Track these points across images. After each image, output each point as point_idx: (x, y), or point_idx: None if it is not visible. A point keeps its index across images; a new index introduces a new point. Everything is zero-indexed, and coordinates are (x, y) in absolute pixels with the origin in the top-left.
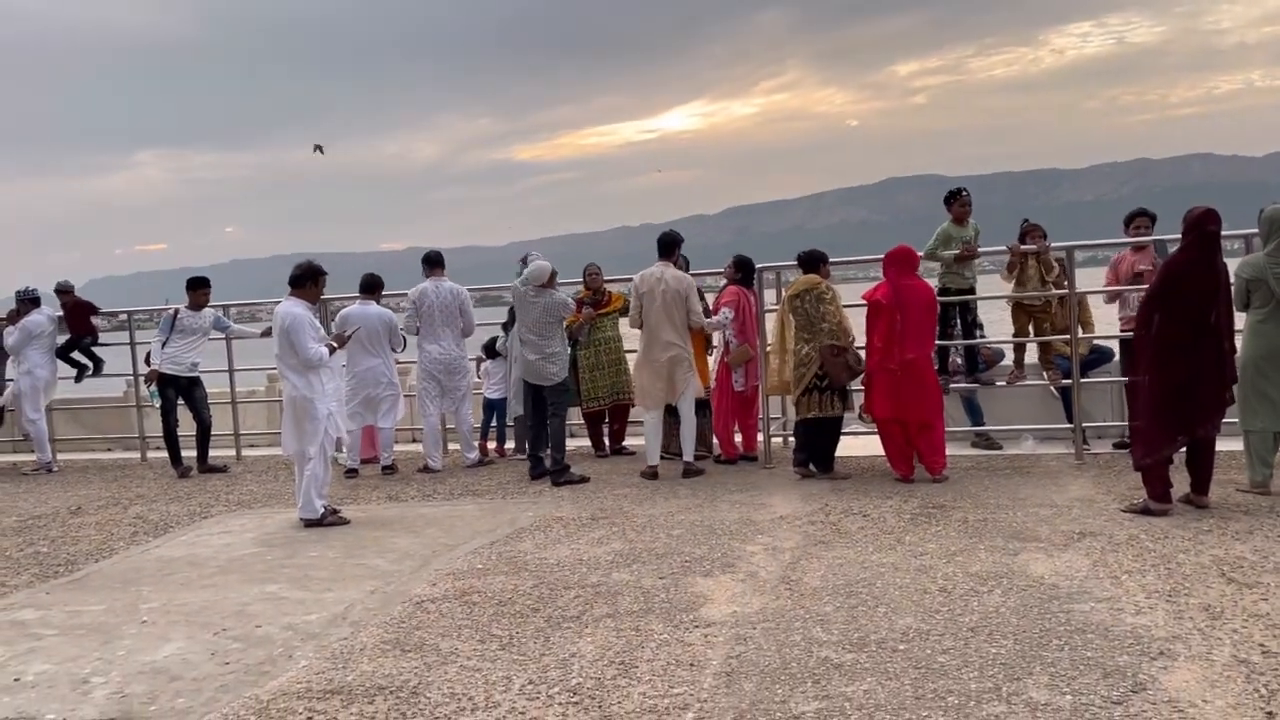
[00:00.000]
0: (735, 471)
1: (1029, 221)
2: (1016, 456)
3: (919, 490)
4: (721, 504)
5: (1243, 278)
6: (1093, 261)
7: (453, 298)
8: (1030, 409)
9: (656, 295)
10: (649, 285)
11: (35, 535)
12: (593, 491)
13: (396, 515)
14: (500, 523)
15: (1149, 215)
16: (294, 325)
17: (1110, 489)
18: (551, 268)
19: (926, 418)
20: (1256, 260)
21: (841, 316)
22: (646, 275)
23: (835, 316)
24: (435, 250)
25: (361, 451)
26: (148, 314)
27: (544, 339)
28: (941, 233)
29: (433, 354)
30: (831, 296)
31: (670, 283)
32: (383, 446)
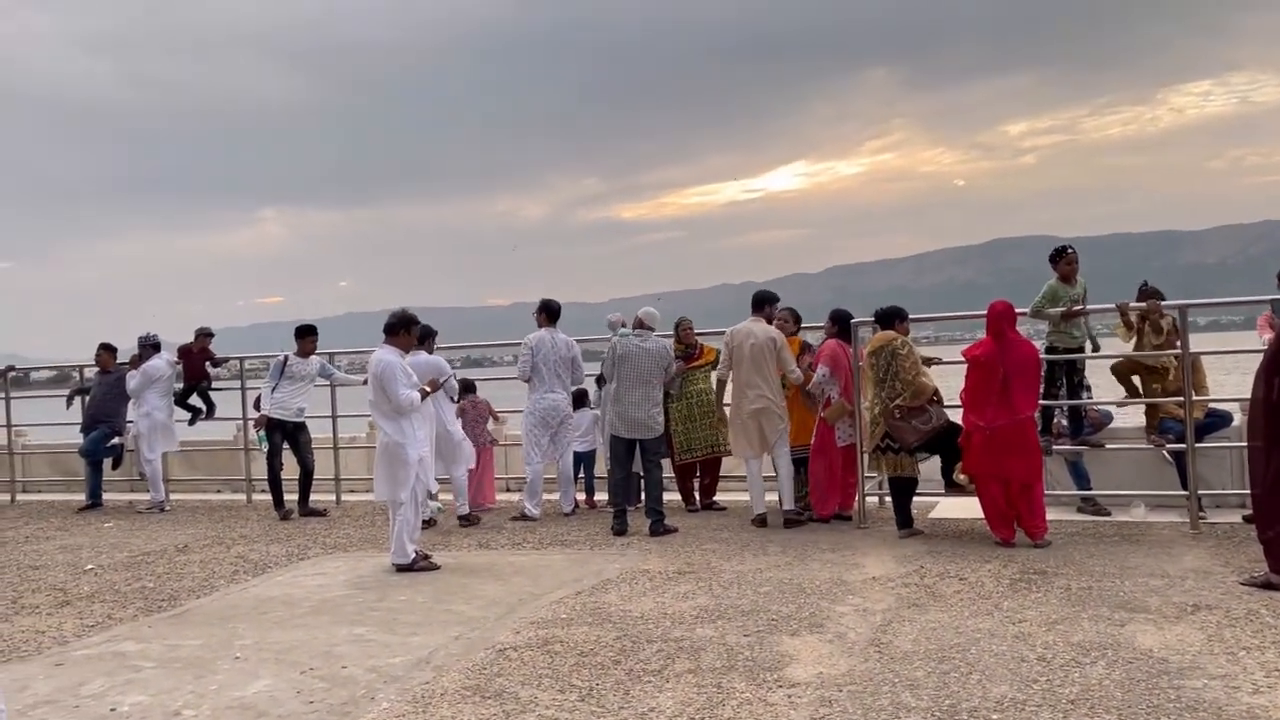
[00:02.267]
0: (829, 530)
1: (1148, 284)
2: (1125, 524)
3: (1019, 555)
4: (812, 562)
5: None
6: (1215, 326)
7: (566, 349)
8: (1141, 474)
9: (745, 349)
10: (739, 339)
11: (143, 571)
12: (681, 545)
13: (486, 563)
14: (587, 573)
15: None
16: (385, 371)
17: (1228, 561)
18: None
19: (1027, 479)
20: None
21: (917, 374)
22: (737, 330)
23: (909, 374)
24: (554, 301)
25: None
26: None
27: (651, 389)
28: (1049, 290)
29: (546, 403)
30: (907, 352)
31: (759, 337)
32: (457, 494)
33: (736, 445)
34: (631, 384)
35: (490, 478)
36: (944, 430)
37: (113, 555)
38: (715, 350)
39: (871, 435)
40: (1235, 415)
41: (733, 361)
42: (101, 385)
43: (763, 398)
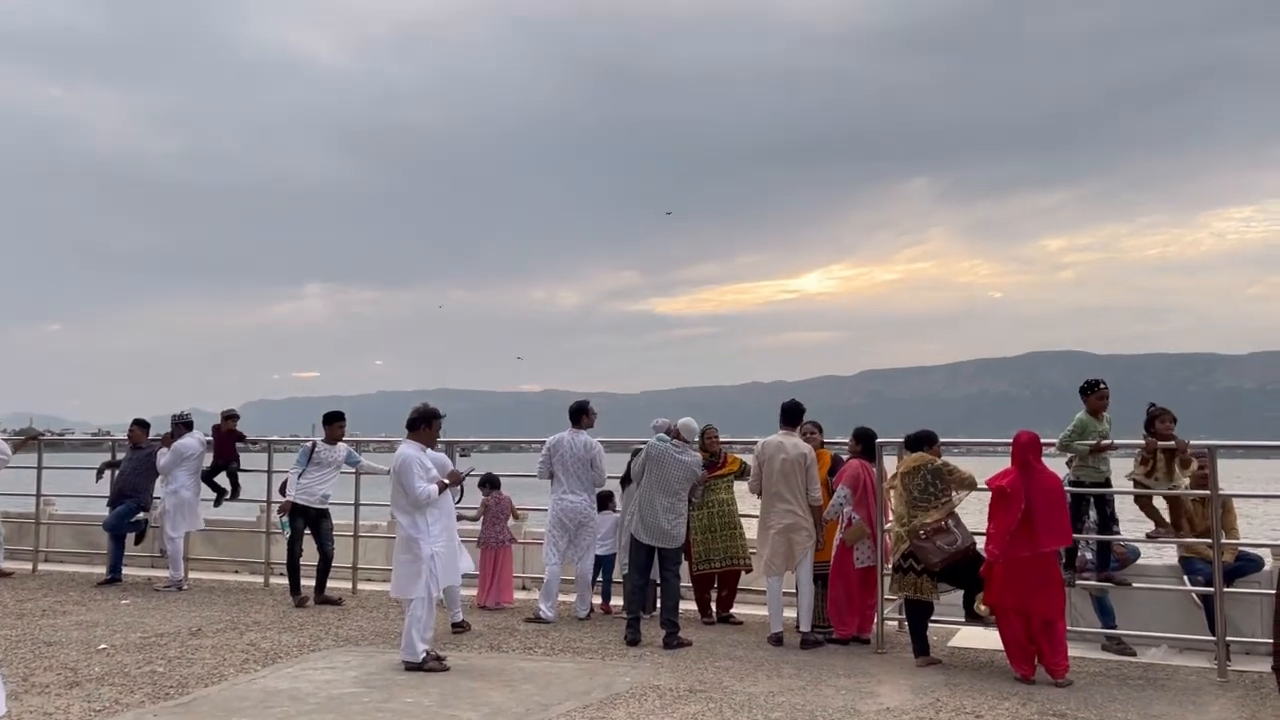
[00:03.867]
0: (845, 653)
1: (1156, 405)
2: (1150, 666)
3: (1039, 693)
4: (826, 688)
5: None
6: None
7: (585, 450)
8: (1168, 615)
9: (776, 463)
10: (770, 452)
11: (154, 654)
12: (694, 660)
13: (495, 667)
14: (596, 685)
15: None
16: (403, 466)
17: (1255, 714)
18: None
19: (1049, 614)
20: None
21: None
22: (768, 443)
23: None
24: (580, 401)
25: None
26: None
27: (678, 499)
28: (1078, 423)
29: (566, 504)
30: (950, 470)
31: (790, 451)
32: (450, 602)
33: (761, 561)
34: (659, 491)
35: (509, 576)
36: (967, 555)
37: (126, 635)
38: (739, 460)
39: (893, 556)
40: (1267, 559)
41: (762, 475)
42: (132, 460)
43: (791, 513)
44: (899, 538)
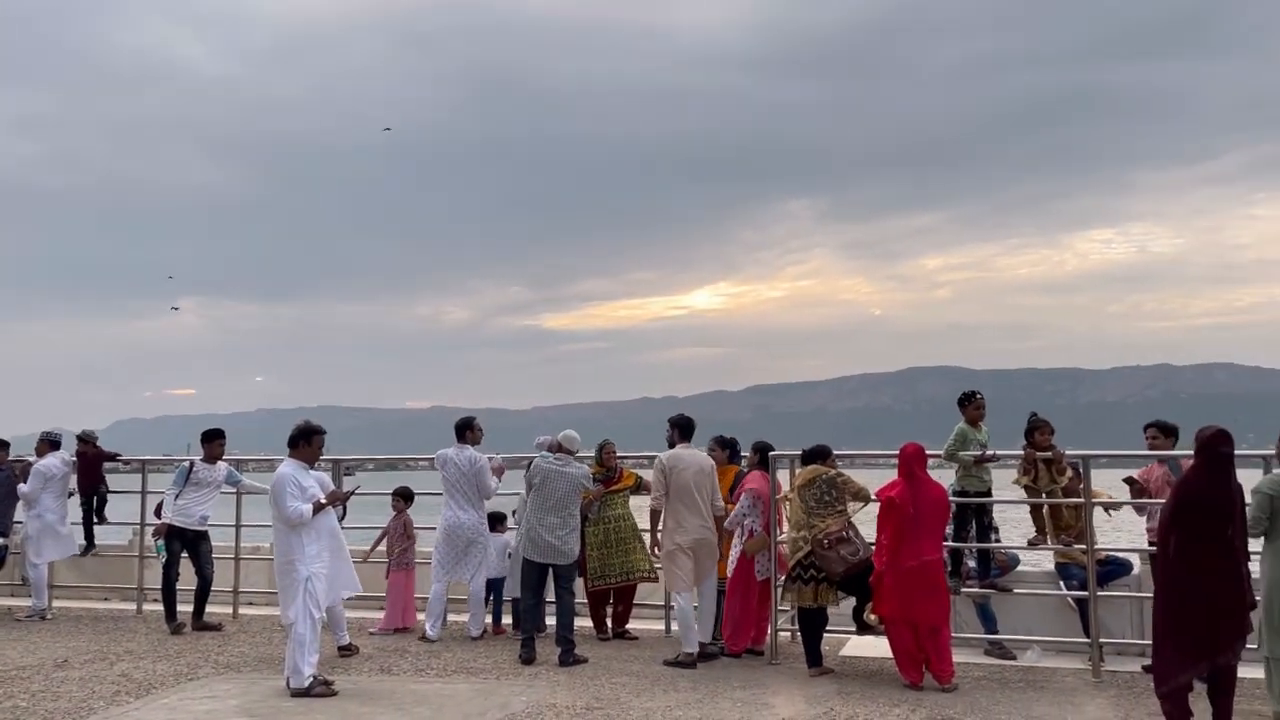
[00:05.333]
0: (740, 665)
1: (1036, 416)
2: (1030, 669)
3: (927, 699)
4: (722, 700)
5: (1266, 494)
6: (1117, 464)
7: (470, 465)
8: (1046, 619)
9: (686, 475)
10: (677, 465)
11: (16, 688)
12: (590, 677)
13: (386, 690)
14: (491, 705)
15: (1158, 426)
16: (276, 484)
17: (1129, 713)
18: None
19: (936, 621)
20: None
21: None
22: (675, 455)
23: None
24: (466, 417)
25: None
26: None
27: (569, 515)
28: (959, 433)
29: (453, 520)
30: (844, 481)
31: (697, 465)
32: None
33: (670, 577)
34: (547, 508)
35: (411, 598)
36: (864, 566)
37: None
38: (635, 475)
39: (790, 565)
40: (1135, 563)
41: (669, 490)
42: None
43: (703, 528)
44: (795, 547)
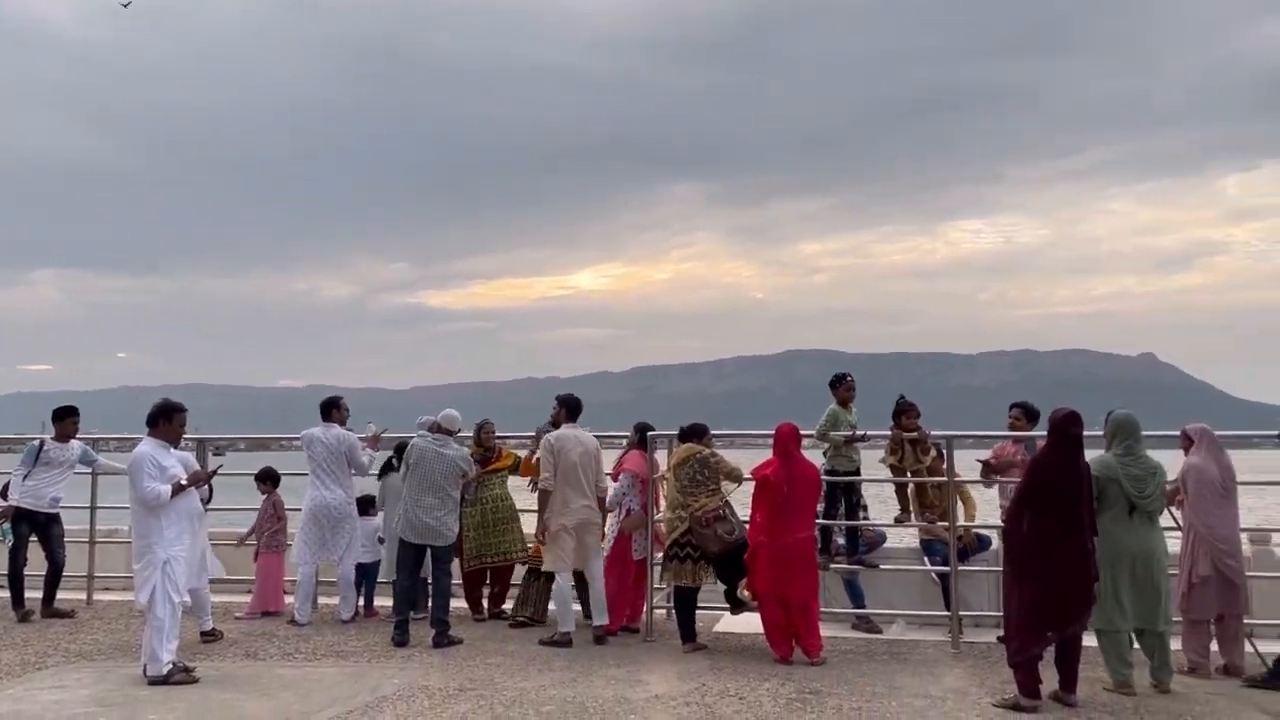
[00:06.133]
0: (616, 644)
1: (904, 399)
2: (895, 642)
3: (796, 673)
4: (597, 679)
5: (1094, 476)
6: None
7: (339, 443)
8: (910, 594)
9: (574, 455)
10: (565, 445)
11: None
12: (465, 658)
13: (251, 676)
14: (361, 689)
15: (1022, 407)
16: (133, 464)
17: (984, 681)
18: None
19: (806, 597)
20: (1108, 460)
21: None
22: (564, 436)
23: (726, 466)
24: (331, 396)
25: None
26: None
27: (446, 495)
28: (831, 414)
29: (319, 501)
30: (717, 461)
31: (585, 446)
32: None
33: (553, 558)
34: (425, 489)
35: (280, 582)
36: (738, 546)
37: None
38: (514, 454)
39: (667, 543)
40: (994, 539)
41: (557, 471)
42: None
43: (587, 508)
44: (672, 526)
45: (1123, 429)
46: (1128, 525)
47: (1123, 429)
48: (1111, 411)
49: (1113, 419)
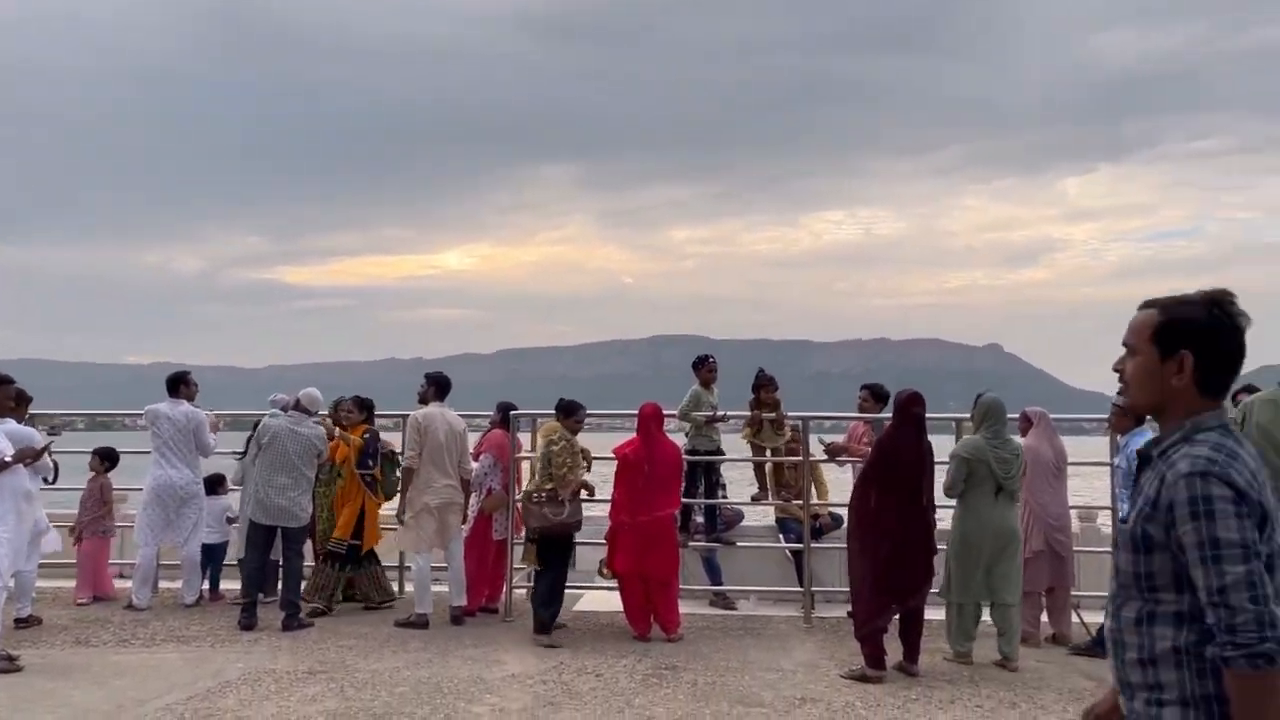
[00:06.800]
0: (474, 624)
1: (764, 373)
2: (749, 617)
3: (654, 649)
4: (453, 659)
5: (964, 457)
6: (838, 429)
7: (187, 420)
8: (767, 571)
9: (440, 435)
10: (434, 425)
11: None
12: (315, 641)
13: (82, 663)
14: (204, 674)
15: (870, 389)
16: None
17: (834, 654)
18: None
19: (665, 575)
20: (977, 442)
21: (567, 469)
22: (430, 414)
23: (559, 467)
24: (179, 371)
25: None
26: None
27: (300, 475)
28: (693, 395)
29: (163, 480)
30: (561, 448)
31: (452, 425)
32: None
33: (409, 539)
34: (277, 469)
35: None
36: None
37: None
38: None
39: (524, 522)
40: (845, 517)
41: (422, 450)
42: None
43: (450, 488)
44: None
45: (991, 413)
46: (993, 505)
47: (991, 413)
48: (980, 395)
49: (981, 403)
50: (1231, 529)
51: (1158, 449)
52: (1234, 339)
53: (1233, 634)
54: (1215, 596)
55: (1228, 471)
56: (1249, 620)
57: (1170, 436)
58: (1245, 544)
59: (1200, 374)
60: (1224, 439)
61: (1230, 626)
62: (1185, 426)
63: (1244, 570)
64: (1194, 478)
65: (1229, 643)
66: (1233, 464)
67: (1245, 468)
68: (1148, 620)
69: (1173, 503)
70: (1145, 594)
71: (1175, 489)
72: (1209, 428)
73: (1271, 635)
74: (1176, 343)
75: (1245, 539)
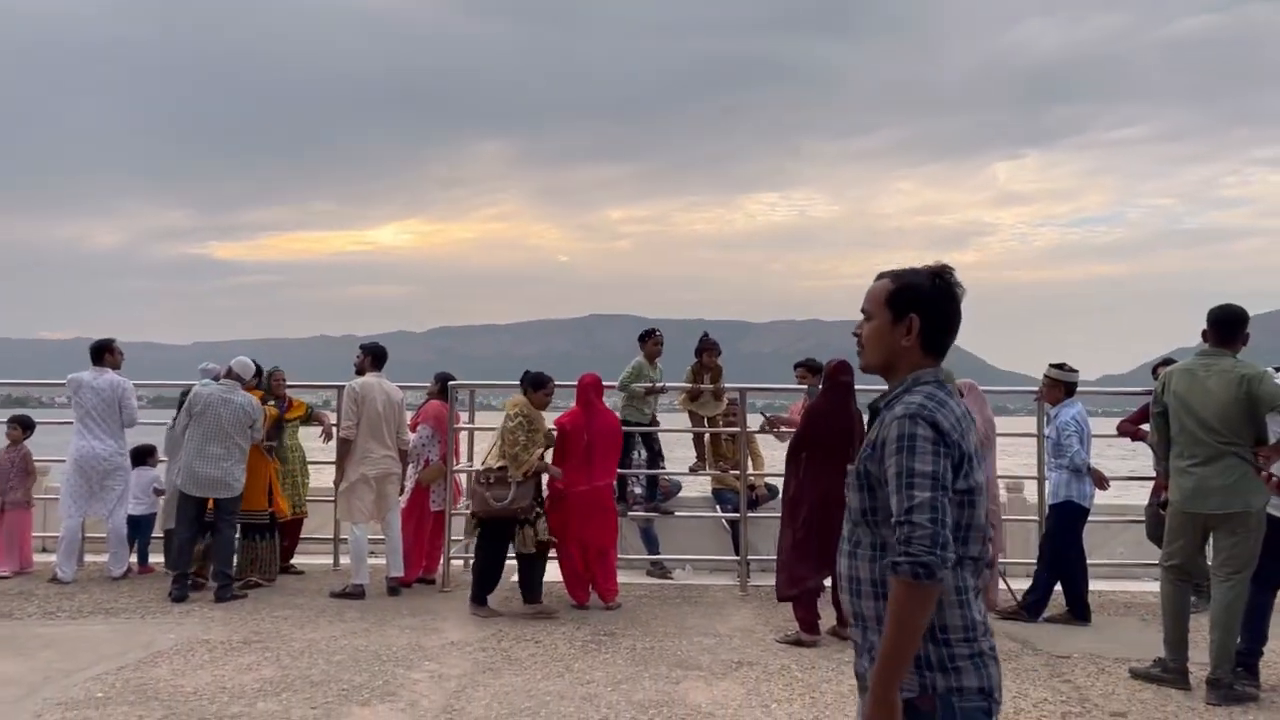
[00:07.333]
0: (411, 594)
1: (708, 336)
2: (686, 586)
3: (592, 617)
4: (391, 628)
5: None
6: (771, 408)
7: (111, 390)
8: (703, 540)
9: (378, 405)
10: (371, 395)
11: None
12: (249, 612)
13: (6, 635)
14: (134, 645)
15: (805, 365)
16: None
17: (769, 620)
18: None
19: (604, 544)
20: None
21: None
22: (367, 384)
23: (509, 445)
24: (104, 339)
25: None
26: None
27: (233, 444)
28: (635, 367)
29: (86, 450)
30: (516, 425)
31: (390, 395)
32: None
33: (348, 509)
34: (210, 438)
35: (28, 539)
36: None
37: None
38: (305, 404)
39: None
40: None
41: (360, 420)
42: None
43: (388, 458)
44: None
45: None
46: None
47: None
48: None
49: None
50: (927, 462)
51: (884, 401)
52: (953, 305)
53: (908, 545)
54: (902, 516)
55: (934, 415)
56: (924, 535)
57: (895, 389)
58: (936, 476)
59: (924, 335)
60: (937, 390)
61: (907, 538)
62: (907, 380)
63: (930, 496)
64: (904, 419)
65: (903, 552)
66: (940, 410)
67: (951, 414)
68: (880, 552)
69: (885, 440)
70: (873, 529)
71: (889, 428)
72: (926, 381)
73: (939, 553)
74: (906, 307)
75: (937, 472)
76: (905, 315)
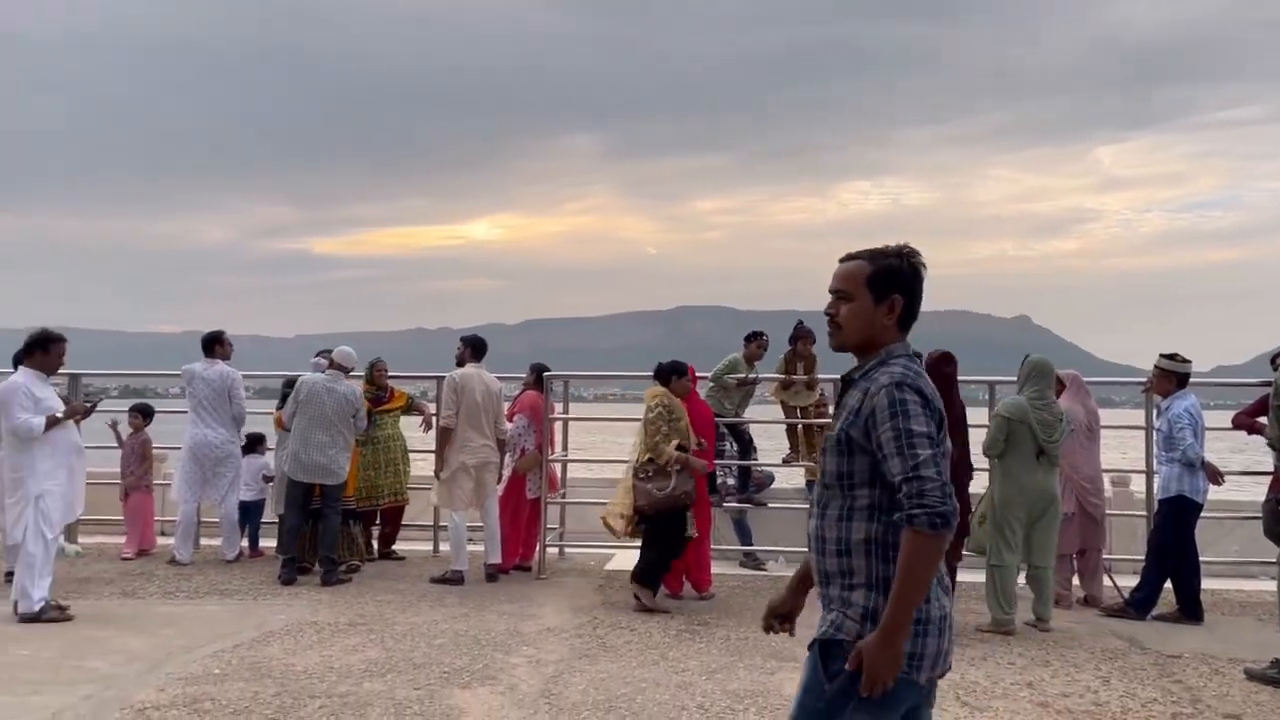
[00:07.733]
0: (508, 581)
1: (803, 325)
2: (781, 577)
3: (686, 607)
4: (489, 614)
5: (1005, 417)
6: None
7: (221, 380)
8: (796, 532)
9: (476, 395)
10: (470, 385)
11: None
12: (354, 595)
13: (130, 613)
14: (247, 625)
15: None
16: (5, 394)
17: None
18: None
19: (699, 534)
20: (1019, 402)
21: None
22: (467, 375)
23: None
24: (214, 331)
25: None
26: None
27: (336, 433)
28: (731, 361)
29: (200, 439)
30: (656, 415)
31: (489, 385)
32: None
33: (449, 497)
34: (315, 427)
35: (151, 521)
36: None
37: None
38: (406, 395)
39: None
40: None
41: (459, 410)
42: None
43: (487, 448)
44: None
45: (1037, 371)
46: (1033, 468)
47: (1037, 371)
48: (1028, 355)
49: (1029, 362)
50: (921, 424)
51: (859, 373)
52: (921, 285)
53: (921, 498)
54: (910, 473)
55: (917, 382)
56: (935, 488)
57: (870, 362)
58: (930, 436)
59: (902, 314)
60: (911, 363)
61: (920, 492)
62: (881, 354)
63: (930, 454)
64: (892, 387)
65: (917, 505)
66: (920, 378)
67: (928, 383)
68: (847, 515)
69: (874, 409)
70: (846, 492)
71: (877, 397)
72: (900, 355)
73: (950, 503)
74: (888, 289)
75: (930, 432)
76: (887, 296)
